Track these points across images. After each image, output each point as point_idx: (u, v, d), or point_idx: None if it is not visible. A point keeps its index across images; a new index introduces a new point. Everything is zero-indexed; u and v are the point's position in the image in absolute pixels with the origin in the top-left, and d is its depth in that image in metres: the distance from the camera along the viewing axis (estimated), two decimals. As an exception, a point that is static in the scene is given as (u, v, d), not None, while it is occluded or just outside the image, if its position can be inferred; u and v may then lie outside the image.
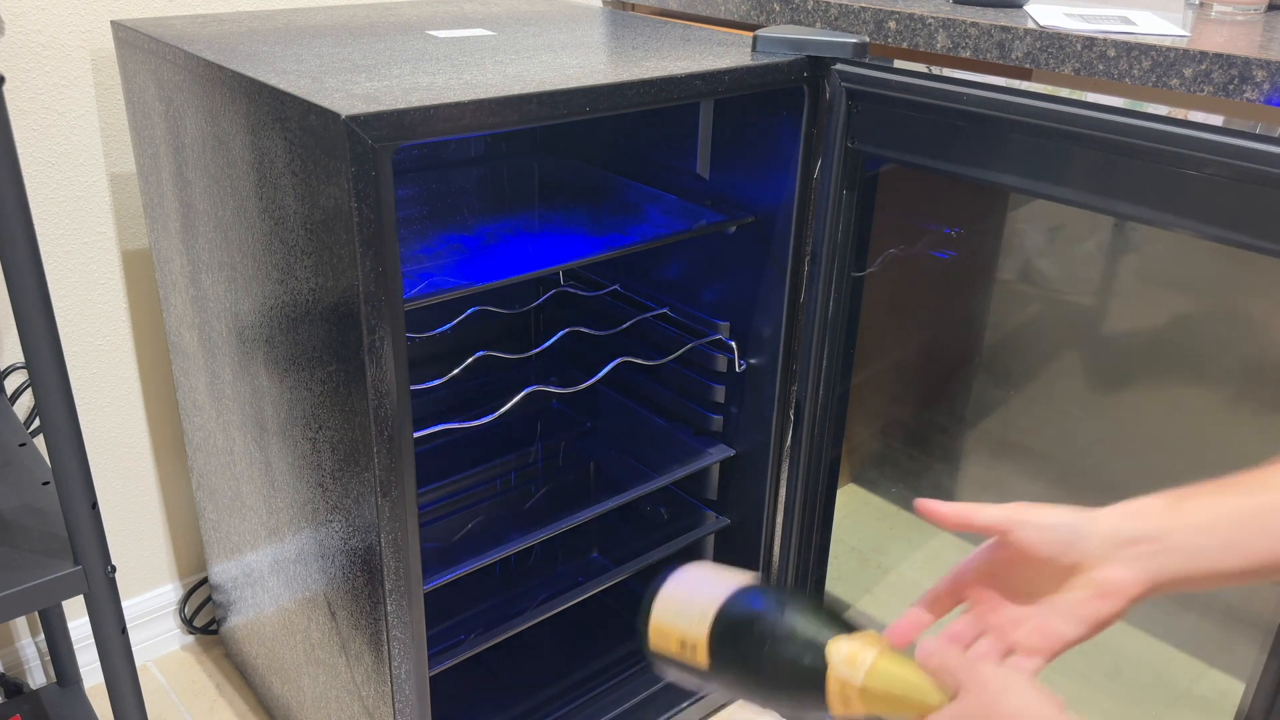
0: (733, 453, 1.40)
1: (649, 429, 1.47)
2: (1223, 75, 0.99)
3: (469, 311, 1.45)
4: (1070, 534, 0.64)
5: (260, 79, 0.91)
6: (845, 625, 0.69)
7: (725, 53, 1.13)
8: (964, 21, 1.18)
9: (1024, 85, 1.02)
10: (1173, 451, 1.36)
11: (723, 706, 1.49)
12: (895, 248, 1.39)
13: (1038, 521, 0.65)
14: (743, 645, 0.70)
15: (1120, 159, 0.93)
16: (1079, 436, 1.43)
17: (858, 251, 1.24)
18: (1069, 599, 0.64)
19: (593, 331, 1.41)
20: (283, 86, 0.88)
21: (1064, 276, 1.46)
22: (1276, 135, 0.84)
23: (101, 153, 1.28)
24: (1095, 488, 1.37)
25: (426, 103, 0.85)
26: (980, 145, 1.04)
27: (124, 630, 0.98)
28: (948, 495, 1.66)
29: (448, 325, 1.42)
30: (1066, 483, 1.43)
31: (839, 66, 1.12)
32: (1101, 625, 0.64)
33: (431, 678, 1.08)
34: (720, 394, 1.39)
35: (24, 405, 1.31)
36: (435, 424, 1.13)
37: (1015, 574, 0.66)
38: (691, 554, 1.50)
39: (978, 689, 0.61)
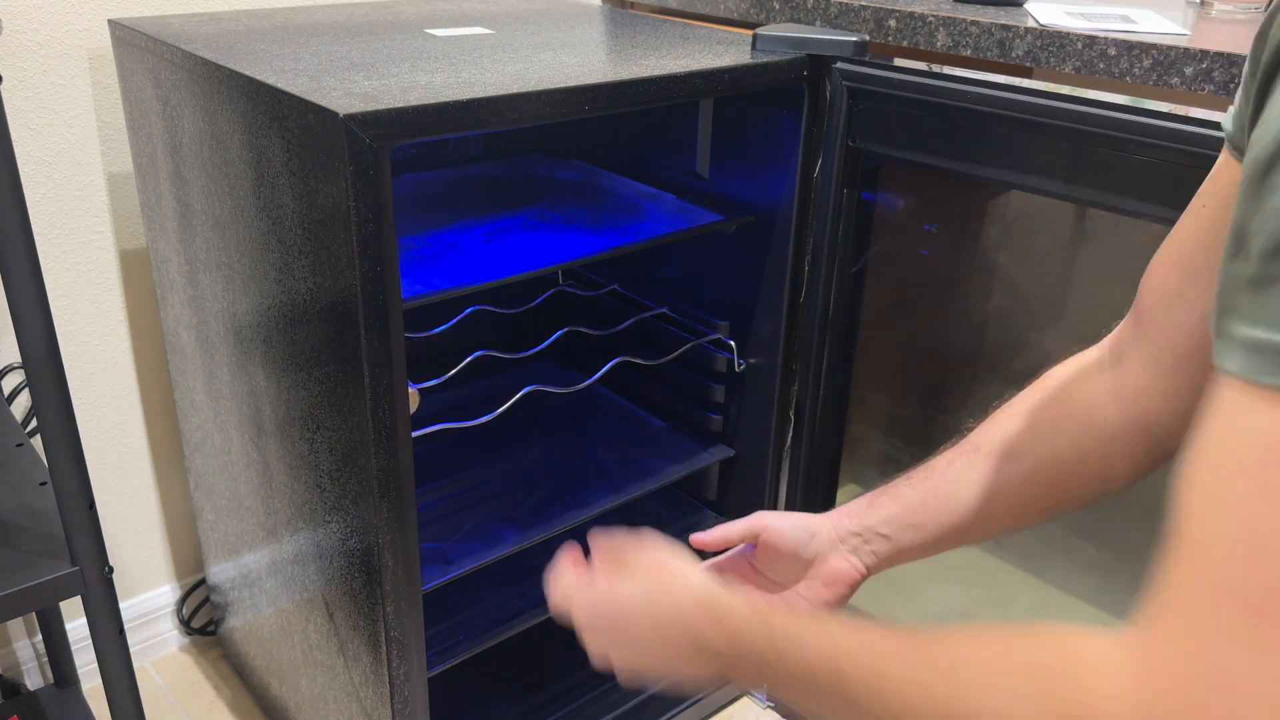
0: (732, 453, 1.39)
1: (648, 429, 1.47)
2: (1223, 74, 0.99)
3: (467, 311, 1.45)
4: (805, 534, 0.80)
5: (258, 78, 0.91)
6: None
7: (725, 51, 1.13)
8: (964, 20, 1.17)
9: (1026, 83, 1.02)
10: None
11: (722, 707, 1.49)
12: (881, 244, 1.39)
13: (779, 525, 0.81)
14: None
15: (1123, 156, 0.93)
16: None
17: (858, 250, 1.24)
18: (806, 586, 0.82)
19: (592, 331, 1.41)
20: (281, 85, 0.88)
21: (1066, 273, 1.46)
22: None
23: (99, 152, 1.28)
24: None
25: (425, 102, 0.85)
26: (982, 143, 1.04)
27: (122, 631, 0.97)
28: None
29: (446, 325, 1.42)
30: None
31: (839, 65, 1.12)
32: (833, 607, 0.82)
33: (430, 678, 1.07)
34: (720, 394, 1.39)
35: (21, 405, 1.31)
36: (434, 424, 1.13)
37: (770, 563, 0.83)
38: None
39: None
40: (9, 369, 1.29)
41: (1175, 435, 0.69)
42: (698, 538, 0.85)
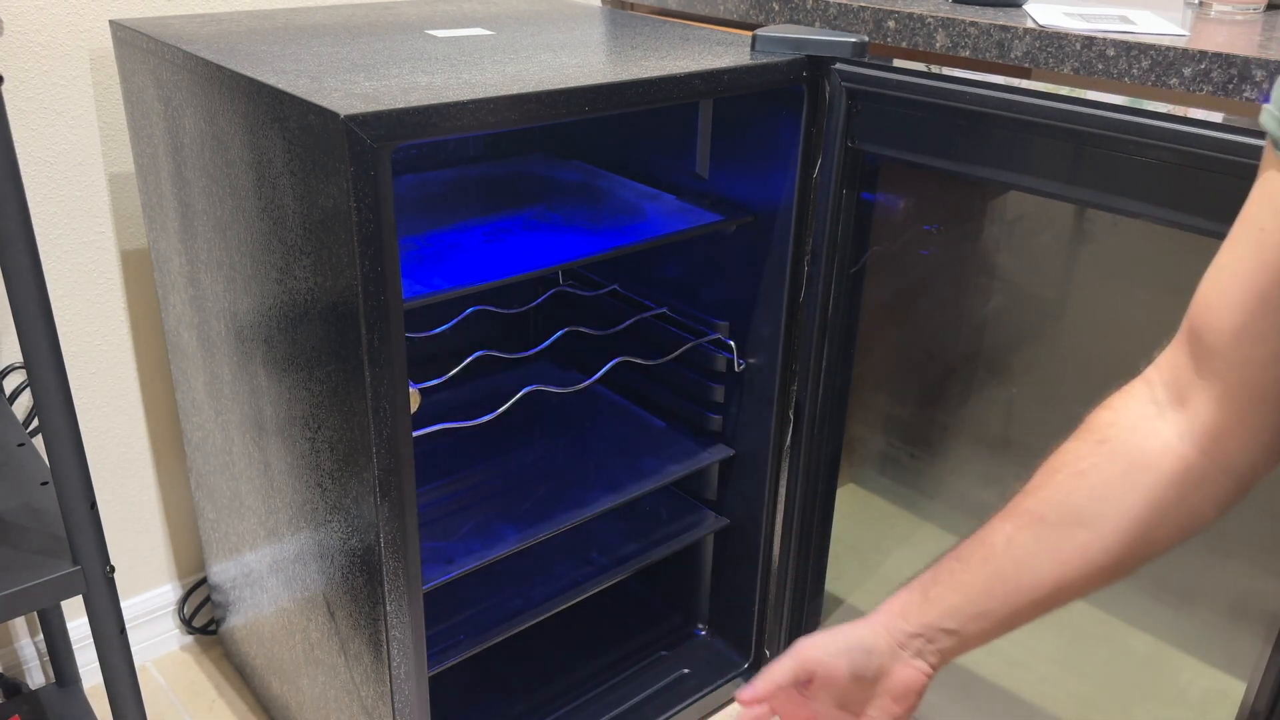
0: (732, 452, 1.40)
1: (648, 429, 1.47)
2: (1222, 75, 0.99)
3: (468, 311, 1.45)
4: (862, 654, 0.73)
5: (259, 79, 0.91)
6: None
7: (724, 52, 1.13)
8: (963, 21, 1.18)
9: (1025, 84, 1.02)
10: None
11: (722, 707, 1.49)
12: (880, 245, 1.39)
13: (829, 658, 0.73)
14: None
15: (1121, 156, 0.93)
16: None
17: (857, 250, 1.24)
18: (876, 706, 0.75)
19: (592, 331, 1.41)
20: (282, 86, 0.88)
21: (1066, 273, 1.46)
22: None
23: (100, 152, 1.28)
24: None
25: (425, 102, 0.85)
26: (981, 144, 1.04)
27: (123, 630, 0.98)
28: (949, 494, 1.65)
29: (447, 325, 1.42)
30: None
31: (839, 66, 1.12)
32: (904, 719, 0.76)
33: (431, 678, 1.08)
34: (719, 393, 1.39)
35: (23, 405, 1.31)
36: (434, 424, 1.13)
37: (828, 694, 0.75)
38: (691, 554, 1.50)
39: None
40: (10, 369, 1.29)
41: (1261, 471, 0.63)
42: (743, 696, 0.77)
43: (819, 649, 0.74)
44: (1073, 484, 0.67)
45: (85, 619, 0.97)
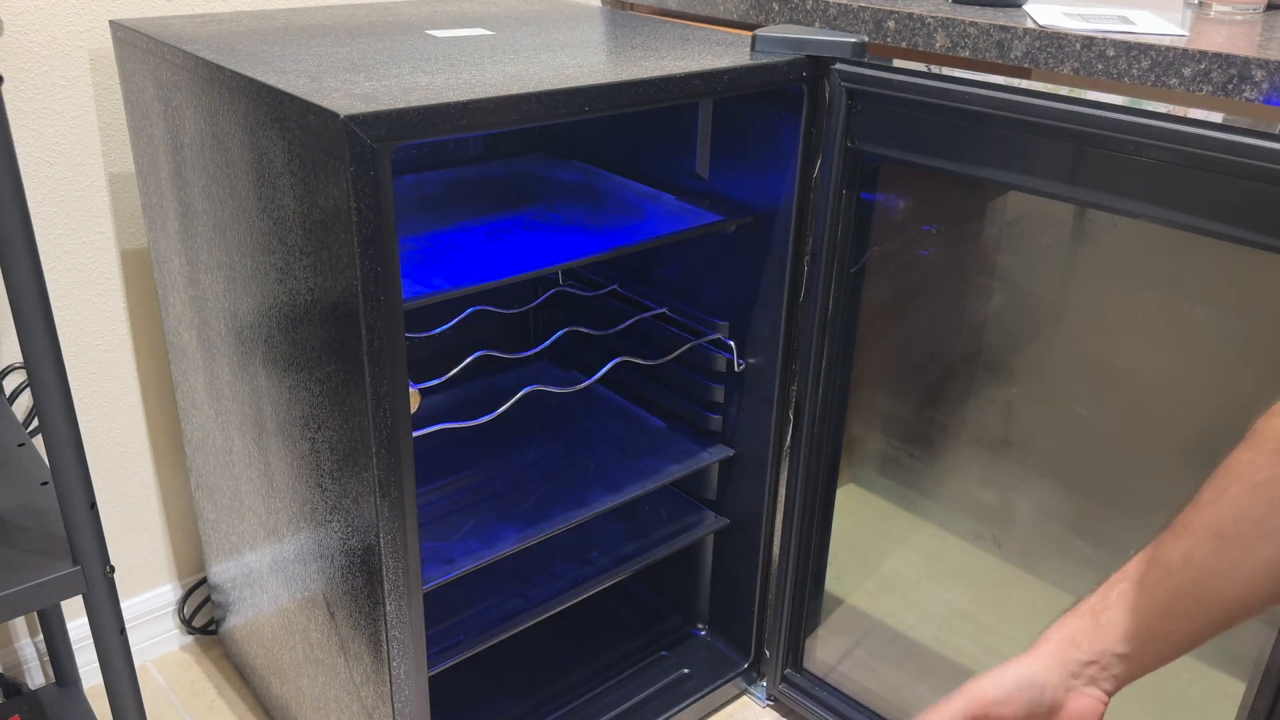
0: (732, 452, 1.40)
1: (648, 429, 1.47)
2: (1221, 75, 0.99)
3: (468, 311, 1.45)
4: (1035, 690, 0.70)
5: (259, 79, 0.91)
6: None
7: (724, 52, 1.13)
8: (963, 21, 1.18)
9: (1025, 84, 1.02)
10: (1177, 448, 1.36)
11: (722, 706, 1.49)
12: (880, 245, 1.39)
13: (1003, 697, 0.70)
14: None
15: (1121, 157, 0.93)
16: (1082, 434, 1.43)
17: (857, 250, 1.24)
18: None
19: (592, 331, 1.41)
20: (282, 86, 0.88)
21: (1066, 273, 1.46)
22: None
23: (100, 152, 1.28)
24: (1098, 486, 1.37)
25: (425, 102, 0.85)
26: (981, 144, 1.04)
27: (123, 630, 0.98)
28: (948, 495, 1.65)
29: (447, 325, 1.42)
30: (1069, 481, 1.43)
31: (839, 66, 1.12)
32: None
33: (431, 678, 1.08)
34: (719, 394, 1.39)
35: (23, 405, 1.31)
36: (434, 424, 1.13)
37: None
38: (691, 554, 1.50)
39: None
40: (11, 369, 1.29)
41: None
42: None
43: (992, 689, 0.70)
44: (1251, 497, 0.64)
45: (85, 619, 0.97)
